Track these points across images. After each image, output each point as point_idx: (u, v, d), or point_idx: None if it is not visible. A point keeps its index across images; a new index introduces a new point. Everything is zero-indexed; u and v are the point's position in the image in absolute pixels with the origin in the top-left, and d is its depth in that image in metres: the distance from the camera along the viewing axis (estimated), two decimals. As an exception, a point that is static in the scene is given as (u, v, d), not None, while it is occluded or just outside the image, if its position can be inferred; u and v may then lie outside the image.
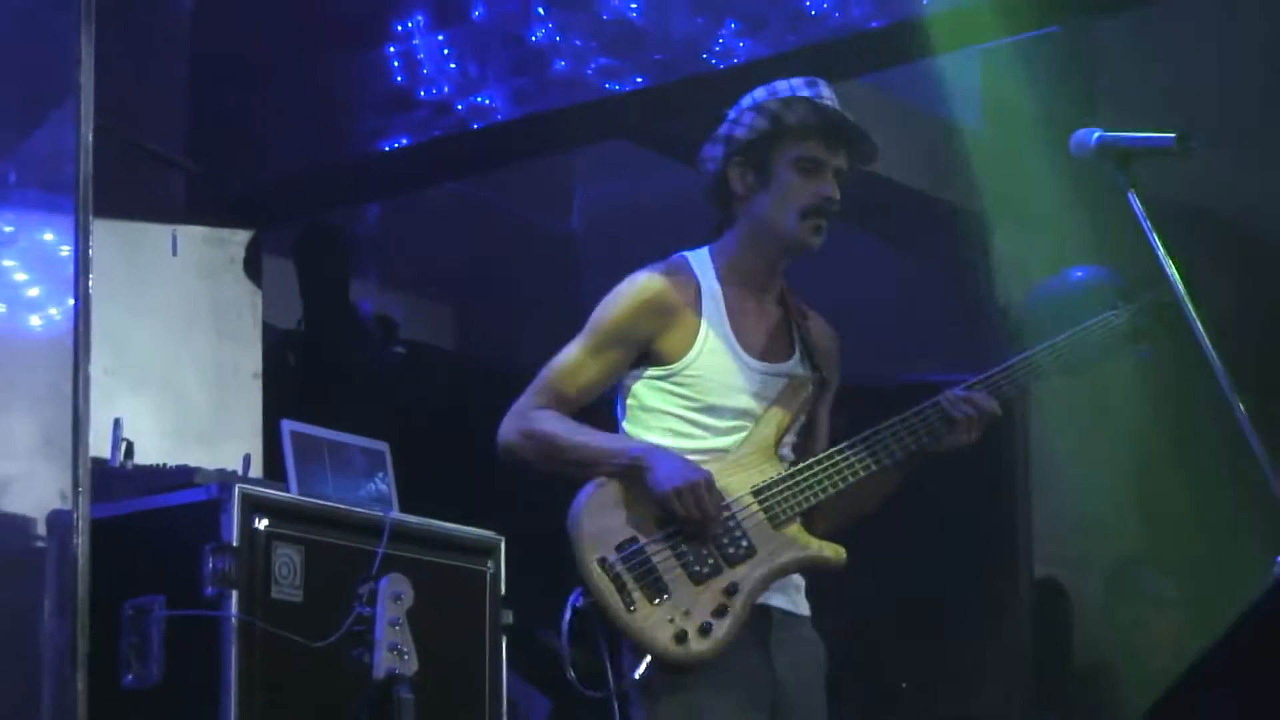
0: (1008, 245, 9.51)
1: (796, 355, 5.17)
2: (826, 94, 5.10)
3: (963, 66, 8.83)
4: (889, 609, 6.50)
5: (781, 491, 4.96)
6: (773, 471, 4.99)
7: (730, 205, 5.12)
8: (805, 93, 5.06)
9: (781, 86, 5.11)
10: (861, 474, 5.00)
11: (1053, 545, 8.14)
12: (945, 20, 7.27)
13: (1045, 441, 7.84)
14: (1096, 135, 4.62)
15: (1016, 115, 9.47)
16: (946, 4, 7.23)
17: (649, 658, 4.80)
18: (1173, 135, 4.62)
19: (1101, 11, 7.49)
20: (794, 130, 5.04)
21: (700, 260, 5.15)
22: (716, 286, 5.10)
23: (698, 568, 4.85)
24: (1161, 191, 4.62)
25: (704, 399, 5.04)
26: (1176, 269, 4.46)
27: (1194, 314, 4.43)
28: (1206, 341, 4.35)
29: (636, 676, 4.80)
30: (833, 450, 5.05)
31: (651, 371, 5.07)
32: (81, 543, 5.56)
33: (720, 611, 4.82)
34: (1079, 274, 5.20)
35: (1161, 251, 4.51)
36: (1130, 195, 4.59)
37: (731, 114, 5.15)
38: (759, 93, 5.12)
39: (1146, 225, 4.55)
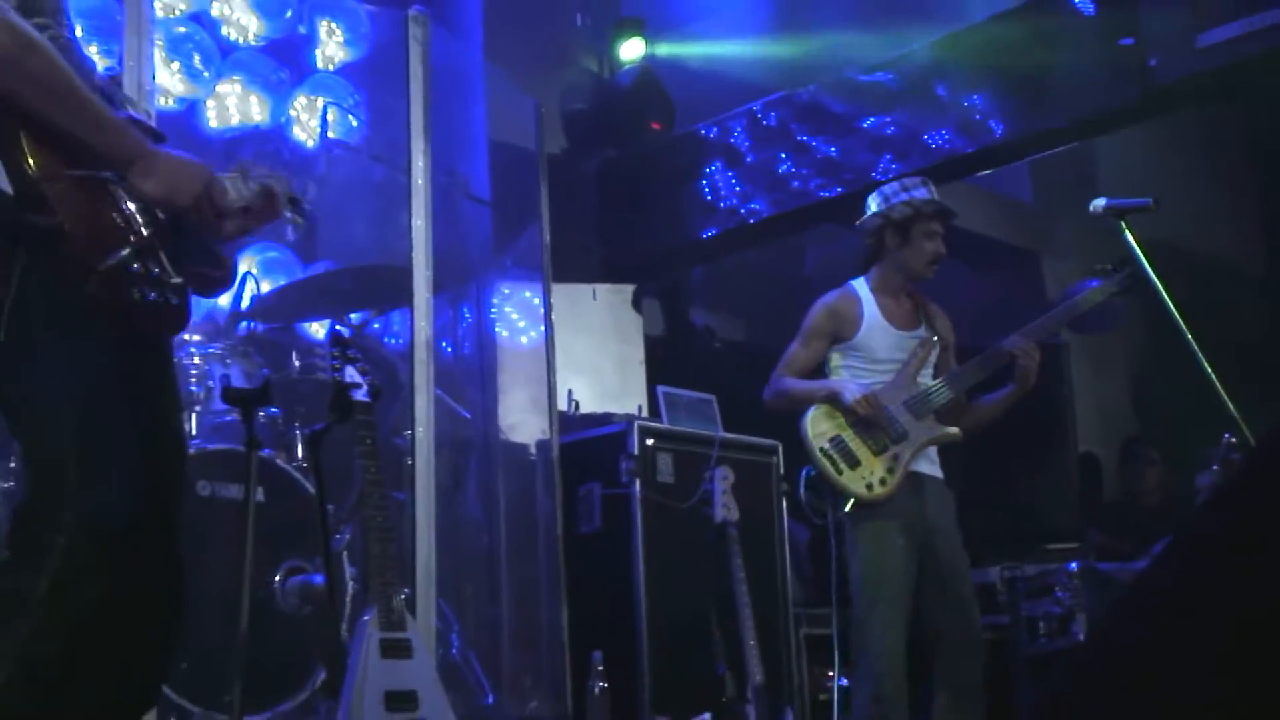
0: (1053, 267, 9.36)
1: (922, 325, 5.12)
2: (931, 188, 5.08)
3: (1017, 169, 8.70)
4: (993, 474, 6.37)
5: (919, 400, 4.94)
6: (915, 390, 4.97)
7: (879, 253, 5.08)
8: (924, 193, 5.04)
9: (909, 184, 5.12)
10: (958, 390, 5.03)
11: (1087, 433, 7.96)
12: (1011, 144, 7.18)
13: (1081, 372, 7.67)
14: (1104, 200, 4.54)
15: (1053, 192, 9.31)
16: (1009, 137, 7.12)
17: (853, 500, 4.82)
18: (1150, 199, 4.52)
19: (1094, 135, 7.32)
20: (925, 215, 5.02)
21: (860, 285, 5.14)
22: (870, 296, 5.09)
23: (875, 446, 4.88)
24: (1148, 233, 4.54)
25: (872, 355, 5.04)
26: (1155, 274, 4.38)
27: (1166, 296, 4.34)
28: (1172, 308, 4.29)
29: (846, 510, 4.83)
30: (943, 377, 5.04)
31: (841, 347, 5.07)
32: (555, 456, 5.68)
33: (891, 470, 4.87)
34: (1091, 283, 5.07)
35: (1146, 266, 4.42)
36: (1126, 235, 4.49)
37: (880, 203, 5.10)
38: (896, 189, 5.10)
39: (1136, 251, 4.46)
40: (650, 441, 5.94)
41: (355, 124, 6.38)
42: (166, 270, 2.47)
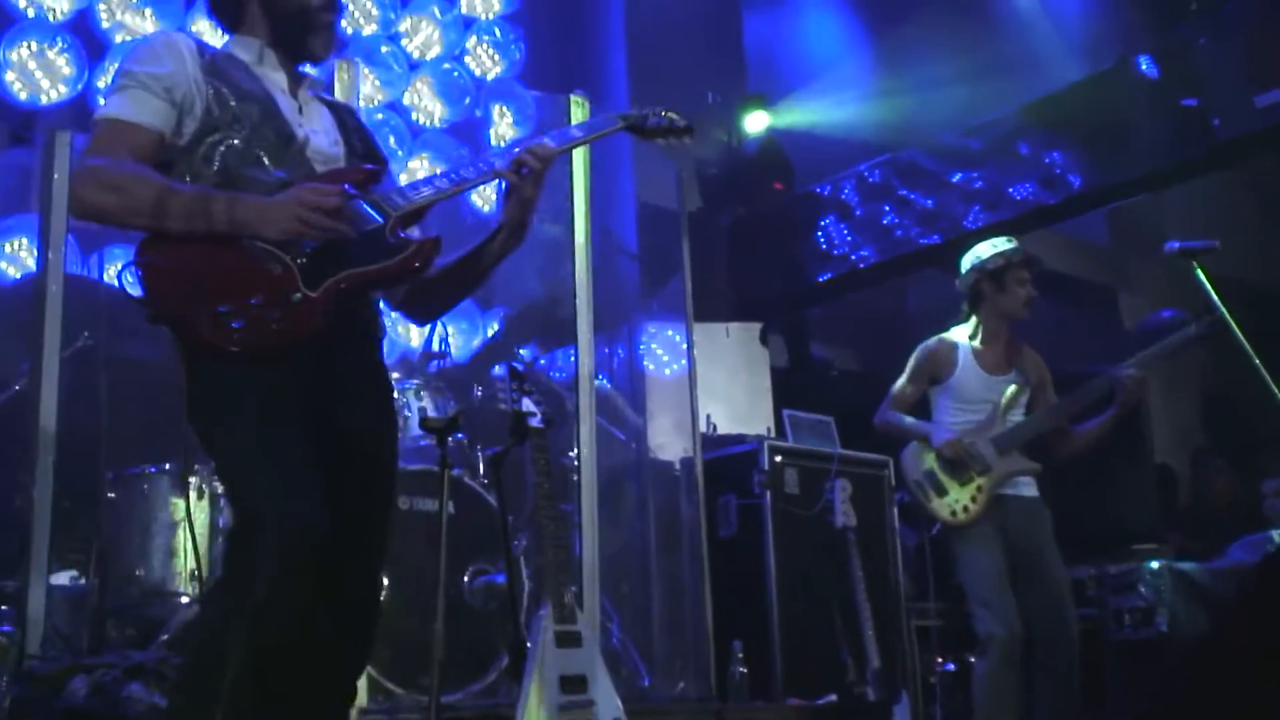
0: (1128, 302, 9.14)
1: (1013, 370, 4.98)
2: (1017, 243, 4.95)
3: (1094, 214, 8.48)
4: (1080, 483, 6.18)
5: (1006, 437, 4.82)
6: (1001, 429, 4.83)
7: (976, 301, 4.97)
8: (1010, 248, 4.91)
9: (998, 241, 4.99)
10: (1054, 423, 4.88)
11: (1162, 446, 7.71)
12: (1088, 195, 7.03)
13: (1156, 391, 7.44)
14: (1176, 243, 4.40)
15: (1127, 234, 9.09)
16: (1086, 189, 6.97)
17: (940, 524, 4.75)
18: (1215, 241, 4.38)
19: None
20: (1016, 264, 4.90)
21: (958, 332, 5.03)
22: (966, 344, 4.98)
23: (961, 478, 4.75)
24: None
25: (963, 396, 4.92)
26: (1224, 306, 4.24)
27: (1234, 325, 4.20)
28: (1241, 338, 4.14)
29: (933, 533, 4.78)
30: (1036, 412, 4.90)
31: (939, 387, 4.96)
32: (699, 472, 5.62)
33: (974, 499, 4.76)
34: (1164, 314, 4.92)
35: (1216, 300, 4.28)
36: (1197, 272, 4.35)
37: (975, 259, 4.98)
38: (987, 248, 4.97)
39: (1207, 287, 4.32)
40: (778, 458, 5.86)
41: (525, 191, 6.44)
42: (287, 289, 2.41)
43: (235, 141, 2.55)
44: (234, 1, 2.76)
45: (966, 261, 5.03)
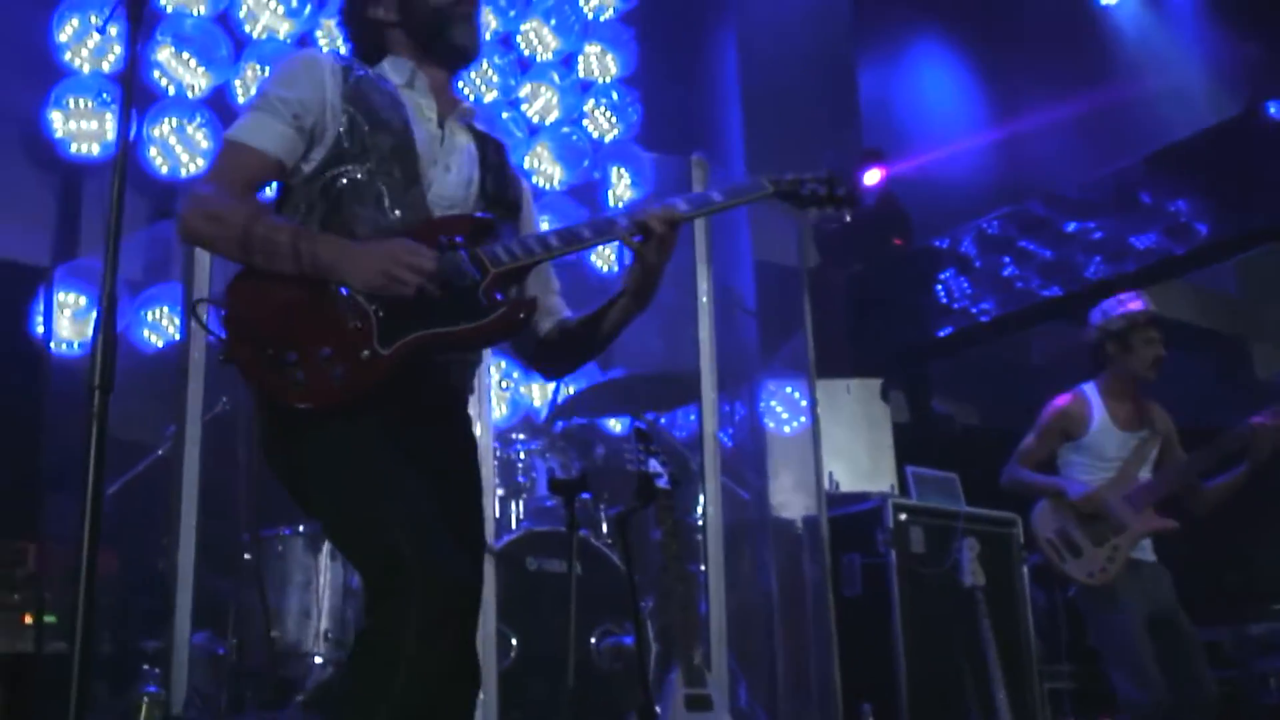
0: (1261, 352, 8.88)
1: (1145, 427, 4.84)
2: (1145, 300, 4.84)
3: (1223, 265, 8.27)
4: (1218, 538, 5.98)
5: (1139, 494, 4.66)
6: (1134, 485, 4.69)
7: (1103, 359, 4.85)
8: (1140, 304, 4.79)
9: (1124, 297, 4.87)
10: (1183, 480, 4.70)
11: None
12: (1217, 245, 6.87)
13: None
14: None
15: (1260, 282, 8.86)
16: (1214, 238, 6.81)
17: (1074, 586, 4.63)
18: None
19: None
20: (1141, 325, 4.77)
21: (1090, 389, 4.87)
22: (1099, 400, 4.82)
23: (1096, 538, 4.62)
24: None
25: (1100, 454, 4.78)
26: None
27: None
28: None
29: (1070, 594, 4.65)
30: (1163, 469, 4.76)
31: (1072, 445, 4.83)
32: (825, 532, 5.55)
33: (1111, 559, 4.60)
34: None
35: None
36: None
37: (1099, 317, 4.87)
38: (1114, 304, 4.86)
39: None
40: (903, 516, 5.76)
41: (643, 252, 6.50)
42: (359, 345, 2.34)
43: (359, 175, 2.49)
44: (373, 29, 2.70)
45: (1093, 317, 4.93)
